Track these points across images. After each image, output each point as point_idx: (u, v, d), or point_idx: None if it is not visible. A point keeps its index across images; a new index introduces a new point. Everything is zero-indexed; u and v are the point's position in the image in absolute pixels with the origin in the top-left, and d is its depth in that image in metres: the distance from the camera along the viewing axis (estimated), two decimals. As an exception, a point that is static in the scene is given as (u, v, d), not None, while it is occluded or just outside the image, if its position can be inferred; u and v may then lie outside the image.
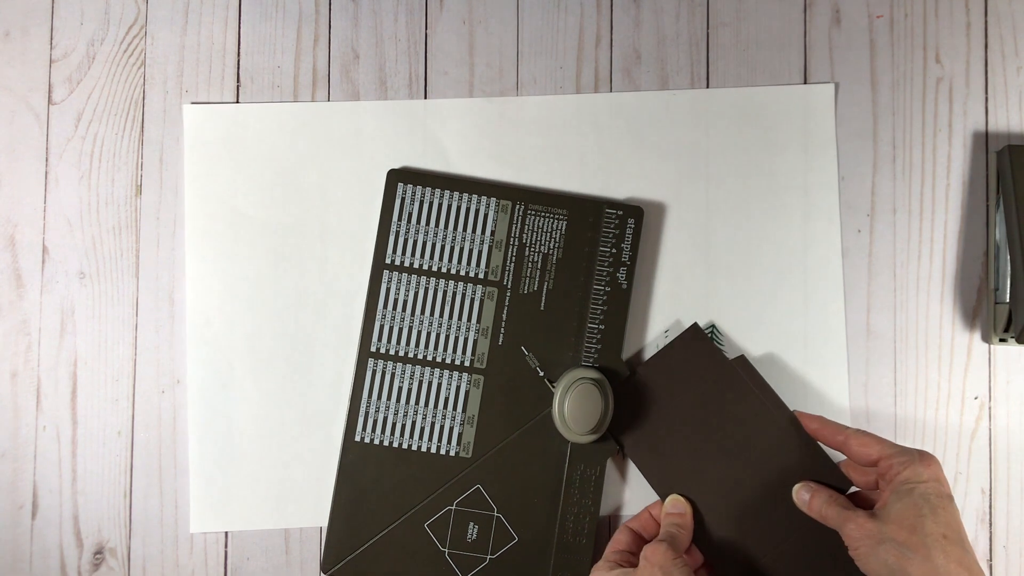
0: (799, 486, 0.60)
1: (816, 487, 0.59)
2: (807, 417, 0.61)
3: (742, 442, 0.62)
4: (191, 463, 0.65)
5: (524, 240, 0.65)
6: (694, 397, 0.63)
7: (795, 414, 0.61)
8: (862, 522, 0.54)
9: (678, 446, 0.62)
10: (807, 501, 0.59)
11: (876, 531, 0.53)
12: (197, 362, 0.66)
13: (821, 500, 0.58)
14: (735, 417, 0.62)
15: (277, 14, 0.68)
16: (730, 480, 0.61)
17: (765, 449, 0.61)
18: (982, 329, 0.66)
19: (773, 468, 0.61)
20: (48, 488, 0.66)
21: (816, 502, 0.58)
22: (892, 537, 0.52)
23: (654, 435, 0.63)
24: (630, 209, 0.65)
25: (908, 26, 0.68)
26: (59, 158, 0.67)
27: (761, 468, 0.61)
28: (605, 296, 0.64)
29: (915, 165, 0.67)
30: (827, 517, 0.57)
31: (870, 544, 0.53)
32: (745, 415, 0.62)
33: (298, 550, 0.65)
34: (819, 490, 0.59)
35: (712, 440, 0.62)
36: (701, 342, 0.64)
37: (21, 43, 0.68)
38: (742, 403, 0.62)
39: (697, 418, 0.62)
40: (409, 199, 0.65)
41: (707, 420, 0.62)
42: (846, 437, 0.58)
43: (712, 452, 0.62)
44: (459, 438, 0.64)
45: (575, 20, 0.68)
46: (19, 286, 0.67)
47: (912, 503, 0.53)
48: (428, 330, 0.65)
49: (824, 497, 0.58)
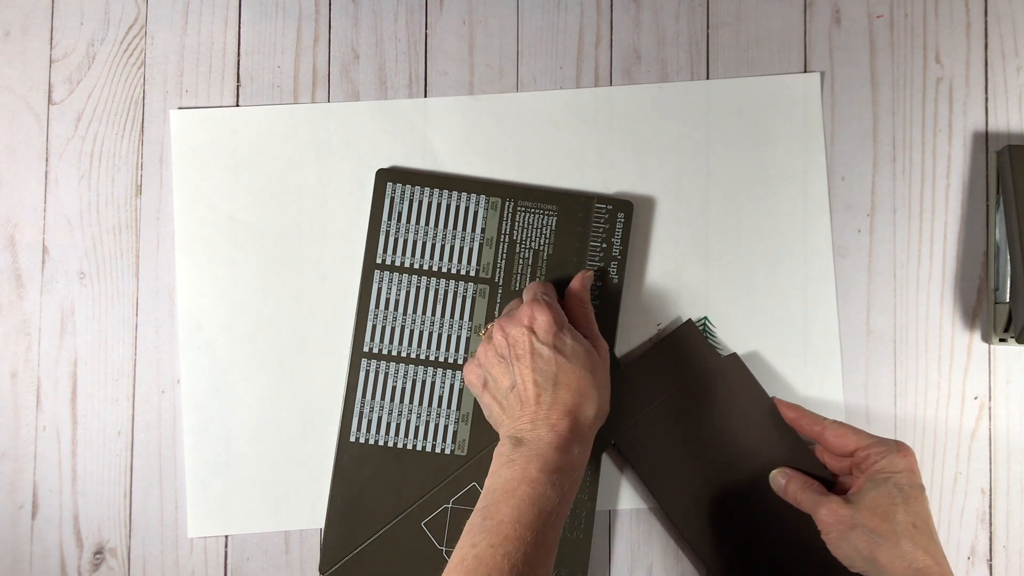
0: (776, 471, 0.62)
1: (792, 473, 0.61)
2: (785, 405, 0.63)
3: (728, 434, 0.63)
4: (187, 468, 0.65)
5: (515, 237, 0.65)
6: (685, 390, 0.63)
7: (774, 401, 0.63)
8: (835, 507, 0.55)
9: (669, 440, 0.63)
10: (783, 486, 0.60)
11: (849, 516, 0.55)
12: (191, 366, 0.66)
13: (796, 485, 0.59)
14: (722, 410, 0.63)
15: (277, 14, 0.68)
16: (716, 470, 0.63)
17: (749, 439, 0.63)
18: (982, 329, 0.66)
19: (755, 457, 0.63)
20: (48, 488, 0.66)
21: (791, 487, 0.60)
22: (864, 523, 0.54)
23: (646, 429, 0.63)
24: (620, 203, 0.65)
25: (908, 26, 0.68)
26: (59, 158, 0.67)
27: (744, 457, 0.63)
28: (597, 291, 0.64)
29: (915, 165, 0.67)
30: (801, 502, 0.59)
31: (842, 529, 0.55)
32: (731, 408, 0.63)
33: (298, 550, 0.65)
34: (794, 476, 0.60)
35: (701, 433, 0.63)
36: (694, 337, 0.64)
37: (21, 43, 0.68)
38: (730, 396, 0.63)
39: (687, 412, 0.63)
40: (398, 198, 0.65)
41: (696, 413, 0.63)
42: (823, 428, 0.60)
43: (701, 445, 0.63)
44: (454, 436, 0.64)
45: (575, 20, 0.68)
46: (19, 286, 0.67)
47: (886, 492, 0.54)
48: (421, 329, 0.65)
49: (799, 483, 0.60)
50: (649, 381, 0.64)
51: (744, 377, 0.64)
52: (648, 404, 0.63)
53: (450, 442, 0.64)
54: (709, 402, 0.63)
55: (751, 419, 0.63)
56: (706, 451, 0.63)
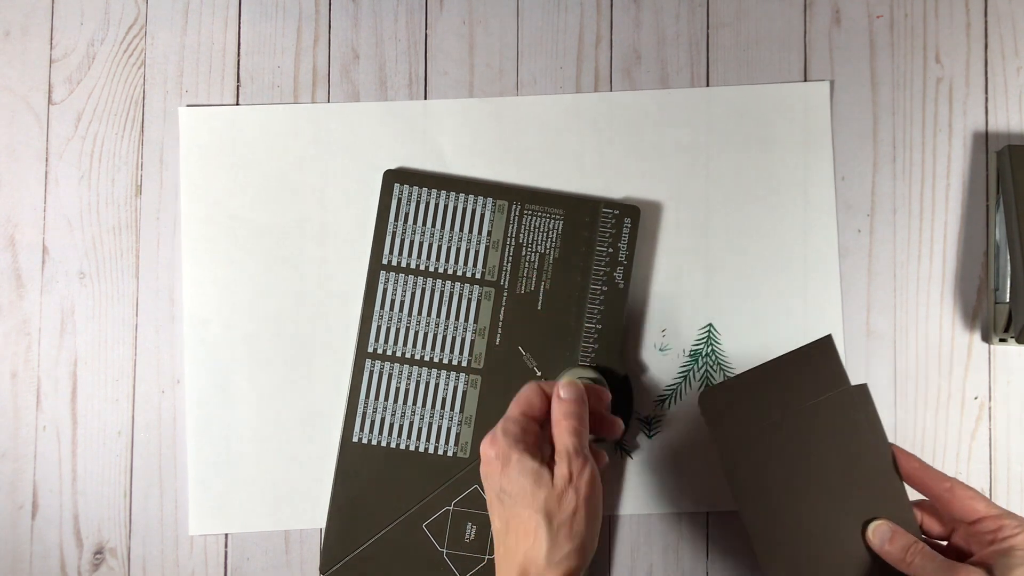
0: (881, 523, 0.53)
1: (895, 529, 0.53)
2: (905, 455, 0.55)
3: (834, 470, 0.56)
4: (190, 466, 0.65)
5: (521, 240, 0.65)
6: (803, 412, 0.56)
7: (893, 448, 0.56)
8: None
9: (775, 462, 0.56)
10: (880, 546, 0.53)
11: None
12: (195, 365, 0.66)
13: (911, 546, 0.52)
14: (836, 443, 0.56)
15: (277, 14, 0.68)
16: (810, 500, 0.55)
17: (853, 480, 0.55)
18: (982, 329, 0.66)
19: (854, 500, 0.55)
20: (48, 488, 0.66)
21: (897, 546, 0.52)
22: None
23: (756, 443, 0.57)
24: (627, 208, 0.65)
25: (908, 26, 0.68)
26: (59, 158, 0.67)
27: (843, 499, 0.55)
28: (602, 296, 0.64)
29: (915, 165, 0.67)
30: (915, 566, 0.51)
31: None
32: (847, 442, 0.56)
33: (298, 550, 0.65)
34: (899, 532, 0.53)
35: (808, 462, 0.56)
36: (829, 356, 0.57)
37: (21, 43, 0.68)
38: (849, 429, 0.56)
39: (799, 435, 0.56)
40: (405, 200, 0.65)
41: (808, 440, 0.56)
42: (952, 486, 0.53)
43: (804, 473, 0.56)
44: (456, 438, 0.64)
45: (575, 20, 0.68)
46: (19, 286, 0.67)
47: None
48: (425, 330, 0.65)
49: (915, 545, 0.52)
50: (771, 392, 0.57)
51: (868, 413, 0.56)
52: (761, 417, 0.56)
53: (452, 444, 0.64)
54: (826, 432, 0.56)
55: (864, 461, 0.55)
56: (807, 482, 0.55)
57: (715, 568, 0.65)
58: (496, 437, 0.50)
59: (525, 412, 0.52)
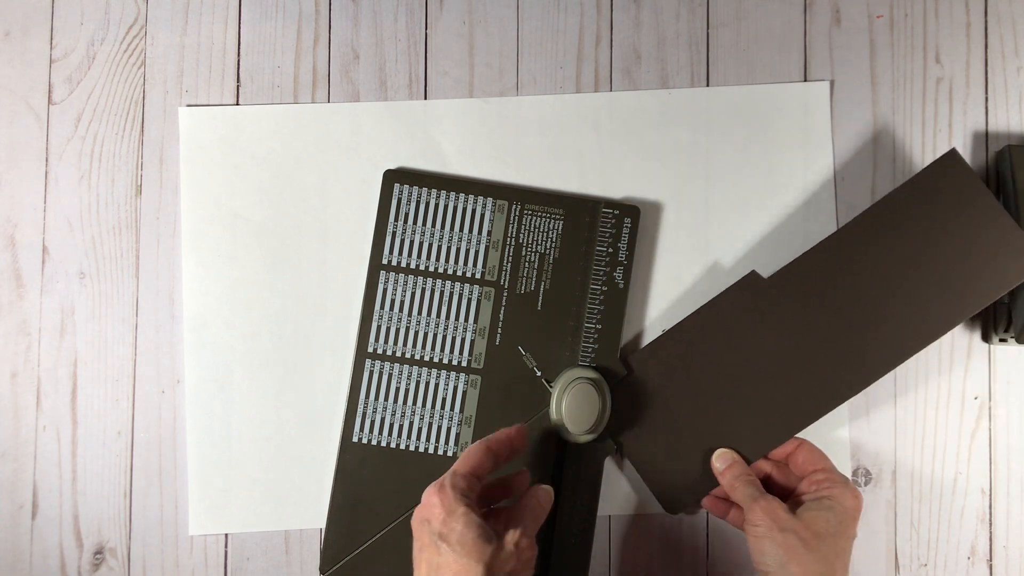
0: (720, 453, 0.61)
1: (735, 459, 0.61)
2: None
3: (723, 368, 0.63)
4: (190, 465, 0.65)
5: (521, 240, 0.65)
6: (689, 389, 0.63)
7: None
8: (775, 508, 0.56)
9: (675, 442, 0.62)
10: (721, 471, 0.60)
11: (785, 520, 0.55)
12: (195, 365, 0.66)
13: (735, 473, 0.60)
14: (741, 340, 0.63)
15: (277, 14, 0.68)
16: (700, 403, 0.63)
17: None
18: (982, 329, 0.66)
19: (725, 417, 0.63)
20: (48, 488, 0.66)
21: (729, 474, 0.60)
22: (795, 531, 0.54)
23: (652, 431, 0.63)
24: (627, 208, 0.65)
25: (908, 26, 0.68)
26: (59, 158, 0.67)
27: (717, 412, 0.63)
28: (602, 296, 0.64)
29: (915, 165, 0.67)
30: (736, 490, 0.59)
31: (772, 529, 0.55)
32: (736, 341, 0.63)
33: (298, 550, 0.65)
34: (737, 463, 0.60)
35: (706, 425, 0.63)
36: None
37: (21, 43, 0.68)
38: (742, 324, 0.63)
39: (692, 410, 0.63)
40: (405, 199, 0.65)
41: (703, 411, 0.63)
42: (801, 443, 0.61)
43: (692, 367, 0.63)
44: (456, 439, 0.64)
45: (575, 20, 0.68)
46: (19, 286, 0.67)
47: (827, 517, 0.55)
48: (425, 330, 0.65)
49: (739, 471, 0.60)
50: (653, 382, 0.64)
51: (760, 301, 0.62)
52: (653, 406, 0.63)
53: (452, 444, 0.64)
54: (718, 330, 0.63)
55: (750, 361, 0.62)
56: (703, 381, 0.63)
57: (715, 568, 0.65)
58: (444, 487, 0.52)
59: (473, 471, 0.54)
